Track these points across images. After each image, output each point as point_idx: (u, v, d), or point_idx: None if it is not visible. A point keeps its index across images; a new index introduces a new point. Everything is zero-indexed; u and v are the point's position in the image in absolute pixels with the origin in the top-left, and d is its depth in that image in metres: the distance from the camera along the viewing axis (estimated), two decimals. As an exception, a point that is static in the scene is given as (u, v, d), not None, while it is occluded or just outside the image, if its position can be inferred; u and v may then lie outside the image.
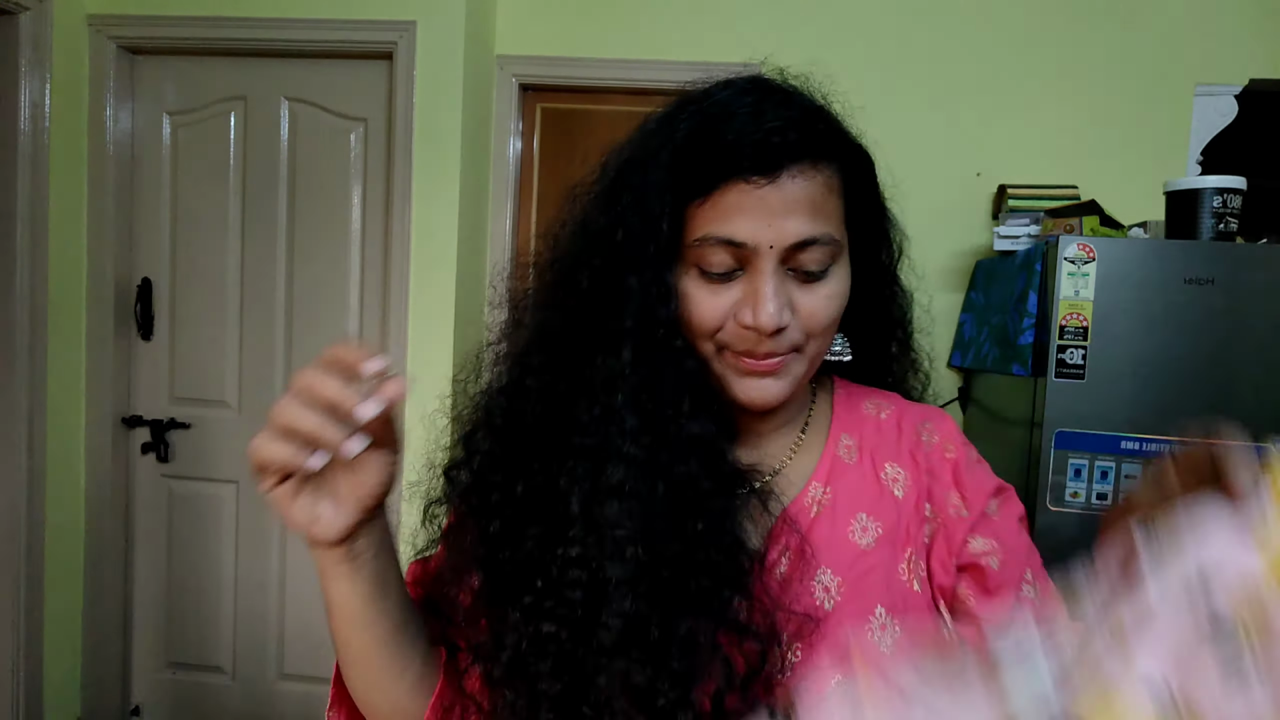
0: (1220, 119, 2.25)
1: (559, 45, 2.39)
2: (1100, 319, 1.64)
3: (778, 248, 0.56)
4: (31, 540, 2.09)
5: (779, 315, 0.56)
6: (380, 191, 2.24)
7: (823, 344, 0.61)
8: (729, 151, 0.55)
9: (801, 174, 0.56)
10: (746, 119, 0.56)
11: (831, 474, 0.64)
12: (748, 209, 0.55)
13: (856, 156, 0.62)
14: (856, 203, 0.61)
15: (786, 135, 0.55)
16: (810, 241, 0.56)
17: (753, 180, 0.55)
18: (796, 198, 0.55)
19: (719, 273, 0.57)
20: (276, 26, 2.15)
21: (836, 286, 0.59)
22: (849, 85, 0.74)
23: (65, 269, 2.17)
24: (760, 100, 0.57)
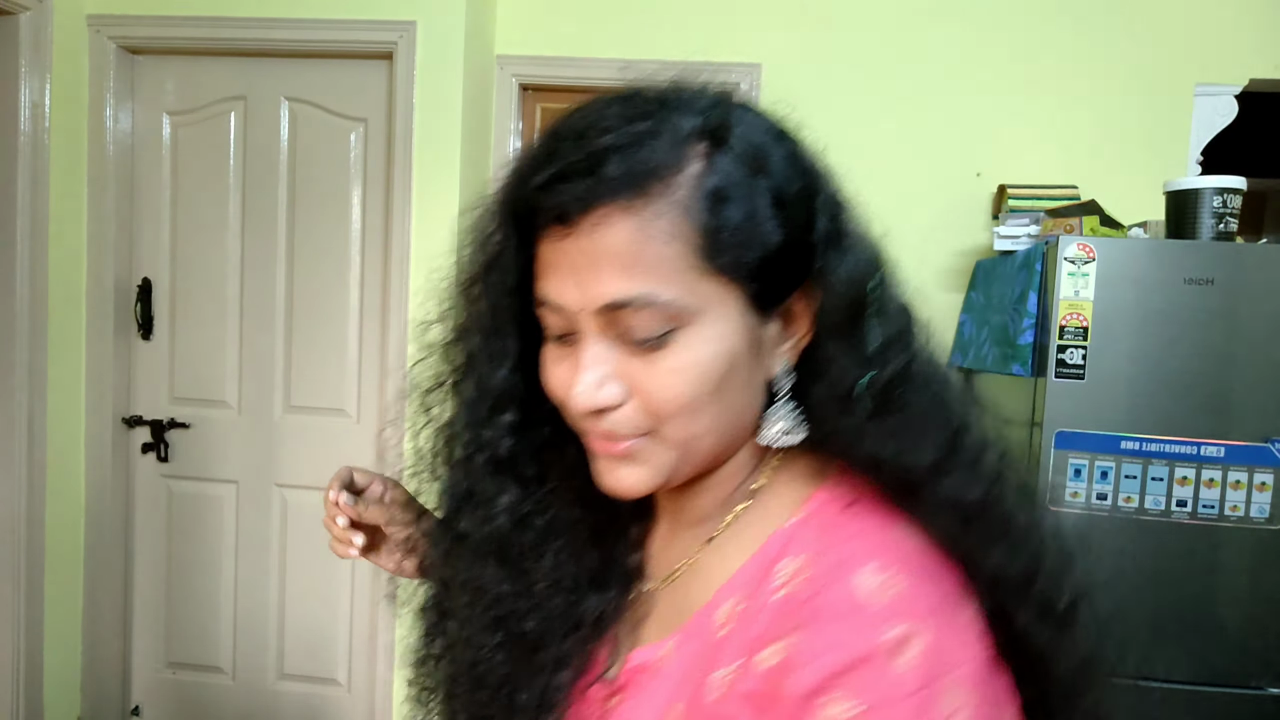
0: (1220, 119, 2.25)
1: (559, 45, 2.39)
2: (1100, 319, 1.64)
3: (587, 311, 0.46)
4: (31, 540, 2.09)
5: (593, 394, 0.47)
6: (380, 191, 2.24)
7: (692, 427, 0.47)
8: (530, 200, 0.47)
9: (604, 222, 0.44)
10: (543, 158, 0.47)
11: (689, 636, 0.51)
12: (556, 264, 0.47)
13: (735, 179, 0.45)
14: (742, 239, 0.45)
15: (580, 177, 0.44)
16: (622, 304, 0.45)
17: (556, 230, 0.46)
18: (603, 250, 0.45)
19: (558, 337, 0.50)
20: (276, 26, 2.15)
21: (688, 357, 0.46)
22: (848, 85, 0.73)
23: (65, 269, 2.17)
24: (558, 133, 0.47)
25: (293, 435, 2.32)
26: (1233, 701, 1.64)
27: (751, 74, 2.33)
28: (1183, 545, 1.65)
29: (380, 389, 2.26)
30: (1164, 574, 1.66)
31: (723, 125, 0.46)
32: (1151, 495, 1.65)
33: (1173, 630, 1.66)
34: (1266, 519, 1.63)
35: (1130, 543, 1.66)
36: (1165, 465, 1.64)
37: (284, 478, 2.33)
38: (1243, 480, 1.63)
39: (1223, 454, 1.63)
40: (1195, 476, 1.64)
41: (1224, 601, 1.65)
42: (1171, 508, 1.65)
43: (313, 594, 2.35)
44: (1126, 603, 1.67)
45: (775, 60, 2.34)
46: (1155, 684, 1.65)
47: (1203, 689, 1.65)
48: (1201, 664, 1.65)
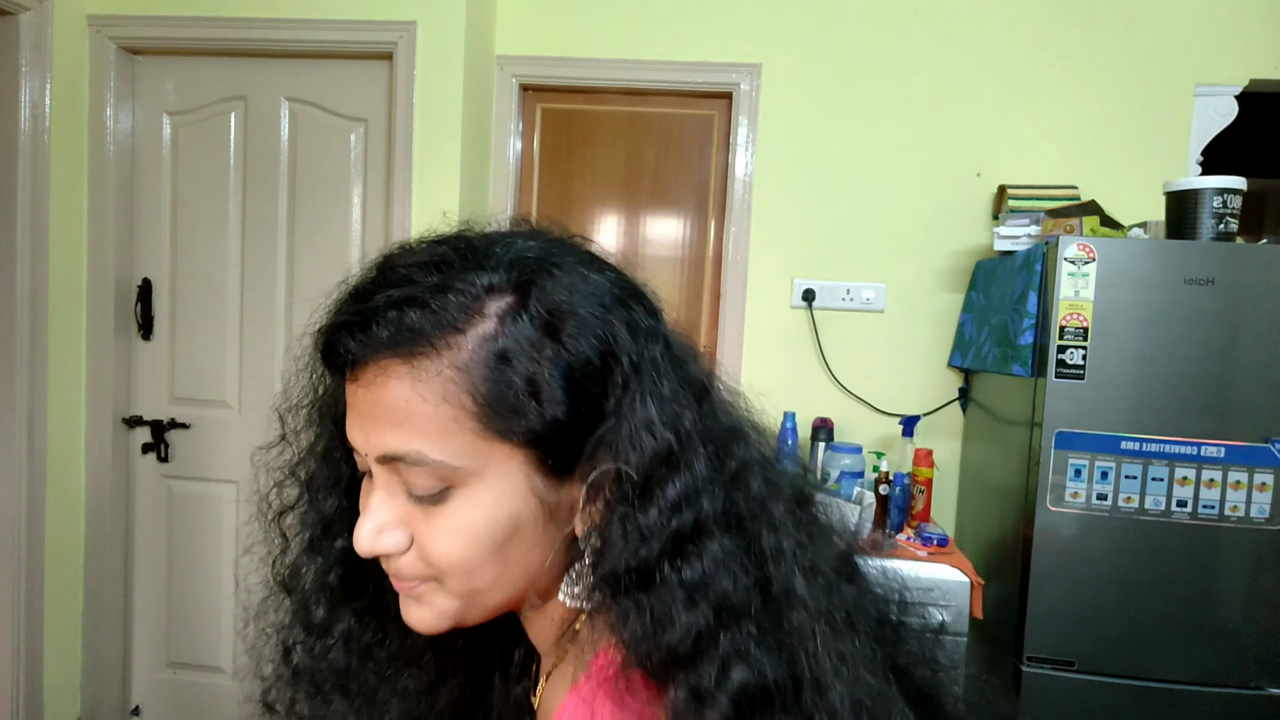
0: (1220, 119, 2.25)
1: (559, 45, 2.39)
2: (1100, 319, 1.65)
3: (371, 457, 0.47)
4: (31, 540, 2.09)
5: (372, 539, 0.47)
6: (380, 191, 2.24)
7: (474, 582, 0.47)
8: (325, 348, 0.48)
9: (381, 375, 0.45)
10: (339, 307, 0.48)
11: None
12: (352, 408, 0.48)
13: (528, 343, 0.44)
14: (530, 404, 0.44)
15: (356, 332, 0.45)
16: (394, 458, 0.45)
17: (348, 374, 0.47)
18: (380, 402, 0.45)
19: (363, 472, 0.51)
20: (276, 26, 2.15)
21: (460, 519, 0.46)
22: (849, 85, 0.73)
23: (65, 269, 2.17)
24: (373, 280, 0.48)
25: (293, 435, 2.31)
26: (1233, 701, 1.64)
27: (751, 74, 2.34)
28: (1183, 545, 1.65)
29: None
30: (1164, 574, 1.66)
31: (525, 283, 0.45)
32: (1151, 495, 1.65)
33: (1173, 630, 1.66)
34: (1266, 519, 1.63)
35: (1130, 543, 1.66)
36: (1165, 465, 1.64)
37: (284, 478, 2.32)
38: (1243, 480, 1.63)
39: (1223, 454, 1.63)
40: (1195, 477, 1.64)
41: (1224, 601, 1.65)
42: (1171, 508, 1.65)
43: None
44: (1126, 603, 1.67)
45: (775, 60, 2.34)
46: (1155, 684, 1.65)
47: (1203, 689, 1.65)
48: (1201, 664, 1.65)
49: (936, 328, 2.33)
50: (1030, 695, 1.67)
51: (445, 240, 0.48)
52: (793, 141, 2.34)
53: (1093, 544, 1.67)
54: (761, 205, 2.36)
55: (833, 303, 2.34)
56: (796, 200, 2.35)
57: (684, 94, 2.39)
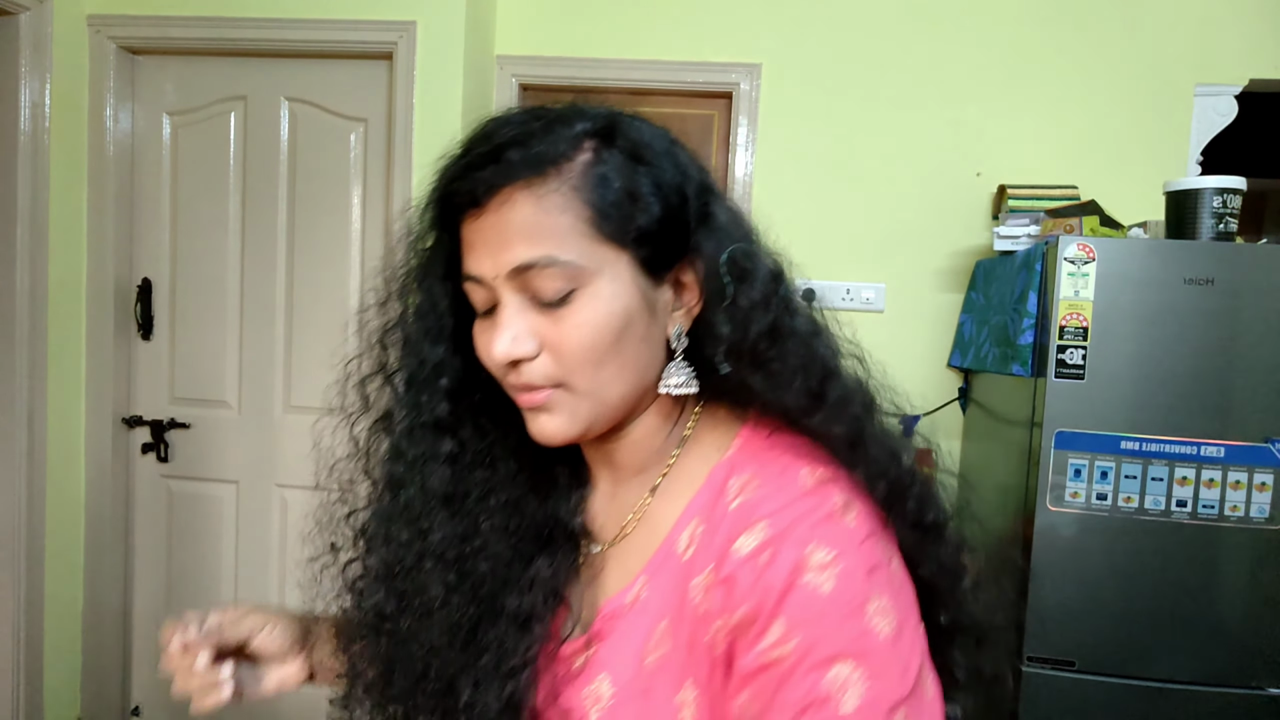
0: (1220, 119, 2.25)
1: (559, 45, 2.39)
2: (1100, 319, 1.65)
3: (501, 276, 0.54)
4: (31, 540, 2.09)
5: (508, 346, 0.54)
6: (380, 191, 2.24)
7: (597, 378, 0.55)
8: (448, 189, 0.56)
9: (509, 201, 0.53)
10: (459, 155, 0.56)
11: (660, 568, 0.57)
12: (474, 242, 0.55)
13: (613, 164, 0.54)
14: (625, 211, 0.54)
15: (486, 165, 0.54)
16: (527, 266, 0.53)
17: (471, 213, 0.55)
18: (510, 223, 0.53)
19: (484, 310, 0.57)
20: (276, 26, 2.16)
21: (588, 314, 0.53)
22: (849, 85, 0.74)
23: (65, 269, 2.17)
24: (487, 132, 0.56)
25: (293, 435, 2.31)
26: (1233, 701, 1.64)
27: (751, 74, 2.33)
28: (1183, 545, 1.65)
29: (380, 389, 2.26)
30: (1164, 574, 1.66)
31: (610, 128, 0.55)
32: (1151, 495, 1.65)
33: (1173, 630, 1.66)
34: (1266, 519, 1.63)
35: (1130, 543, 1.66)
36: (1165, 465, 1.64)
37: (284, 478, 2.33)
38: (1243, 480, 1.63)
39: (1223, 454, 1.63)
40: (1195, 477, 1.64)
41: (1224, 601, 1.65)
42: (1171, 508, 1.65)
43: (313, 594, 2.34)
44: (1126, 603, 1.67)
45: (775, 60, 2.34)
46: (1155, 684, 1.65)
47: (1203, 689, 1.65)
48: (1201, 664, 1.65)
49: (936, 328, 2.33)
50: (1030, 695, 1.67)
51: (533, 107, 0.57)
52: (793, 141, 2.34)
53: (1093, 544, 1.67)
54: (761, 205, 2.35)
55: (833, 303, 2.34)
56: (796, 200, 2.35)
57: (684, 94, 2.39)
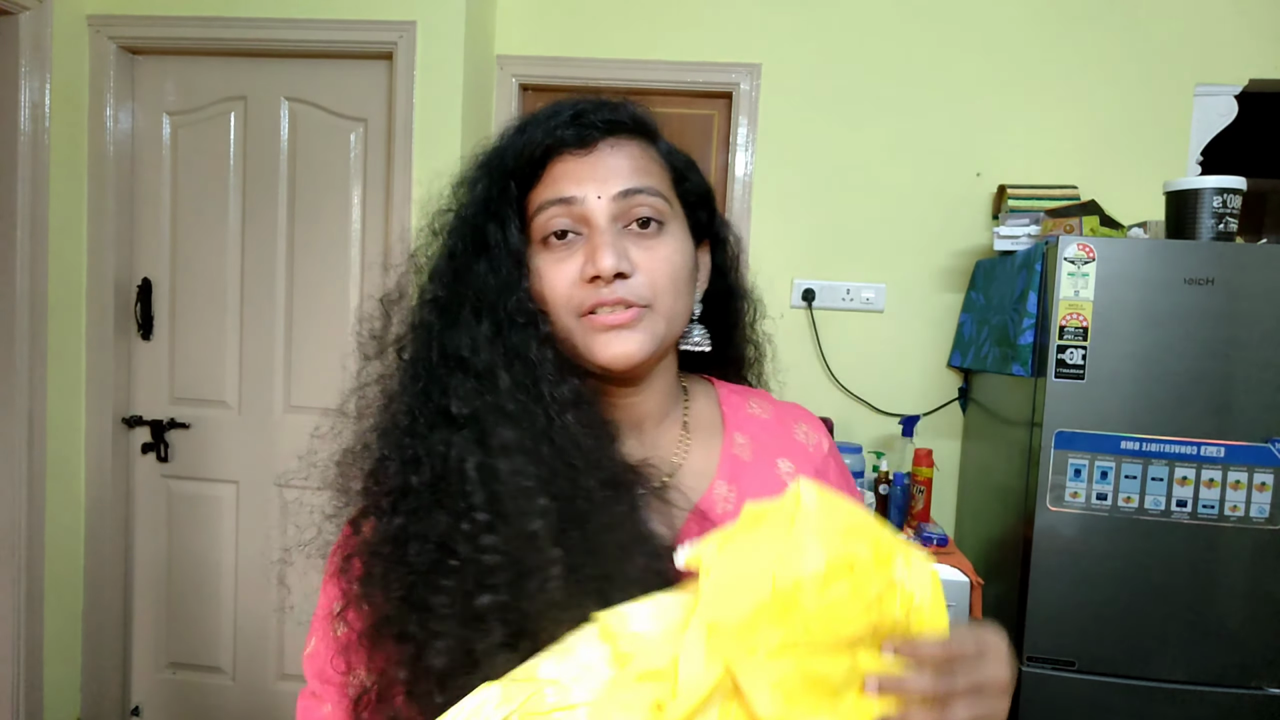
0: (1220, 119, 2.25)
1: (559, 45, 2.39)
2: (1100, 319, 1.65)
3: (605, 198, 0.61)
4: (31, 540, 2.09)
5: (617, 260, 0.60)
6: (380, 191, 2.24)
7: (674, 304, 0.64)
8: (552, 135, 0.63)
9: (618, 145, 0.64)
10: (566, 110, 0.64)
11: (733, 473, 0.69)
12: (573, 173, 0.62)
13: (675, 152, 0.69)
14: (681, 180, 0.68)
15: (600, 115, 0.64)
16: (636, 190, 0.62)
17: (575, 152, 0.63)
18: (617, 161, 0.63)
19: (559, 234, 0.62)
20: (276, 26, 2.16)
21: (672, 247, 0.64)
22: (849, 85, 0.76)
23: (65, 269, 2.17)
24: (577, 100, 0.66)
25: (293, 435, 2.31)
26: (1233, 701, 1.64)
27: (751, 74, 2.33)
28: (1182, 545, 1.65)
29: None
30: (1164, 574, 1.66)
31: None
32: (1151, 495, 1.65)
33: (1173, 630, 1.66)
34: (1266, 519, 1.63)
35: (1130, 543, 1.66)
36: (1165, 465, 1.64)
37: (284, 478, 2.33)
38: (1243, 480, 1.63)
39: (1223, 454, 1.63)
40: (1195, 477, 1.64)
41: (1224, 601, 1.65)
42: (1171, 508, 1.65)
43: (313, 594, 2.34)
44: (1126, 602, 1.67)
45: (775, 60, 2.34)
46: (1155, 684, 1.65)
47: (1203, 689, 1.65)
48: (1201, 664, 1.65)
49: (936, 328, 2.33)
50: (1030, 695, 1.67)
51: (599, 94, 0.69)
52: (793, 141, 2.34)
53: (1092, 544, 1.67)
54: (761, 205, 2.36)
55: (833, 302, 2.34)
56: (796, 200, 2.35)
57: (684, 94, 2.39)
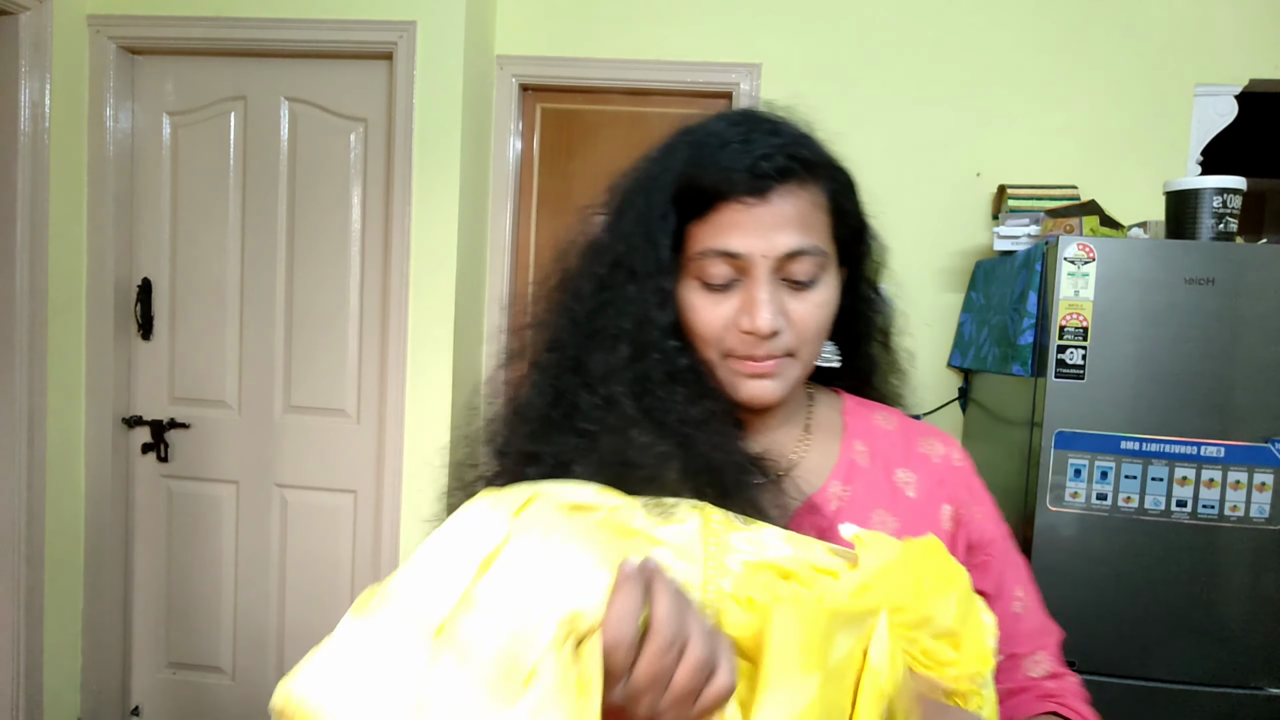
0: (1220, 119, 2.25)
1: (559, 45, 2.39)
2: (1100, 319, 1.64)
3: (770, 257, 0.61)
4: (31, 540, 2.09)
5: (774, 320, 0.61)
6: (380, 191, 2.24)
7: (814, 350, 0.66)
8: (725, 176, 0.61)
9: (790, 194, 0.62)
10: (739, 147, 0.61)
11: (849, 475, 0.70)
12: (742, 225, 0.61)
13: (839, 177, 0.67)
14: (841, 219, 0.67)
15: (775, 160, 0.61)
16: (800, 252, 0.62)
17: (746, 200, 0.61)
18: (786, 214, 0.62)
19: (718, 283, 0.63)
20: (276, 26, 2.16)
21: (825, 295, 0.65)
22: (848, 85, 0.75)
23: (65, 269, 2.17)
24: (750, 129, 0.63)
25: (293, 435, 2.32)
26: (1233, 701, 1.64)
27: (751, 74, 2.33)
28: (1183, 545, 1.65)
29: (380, 389, 2.26)
30: (1164, 574, 1.66)
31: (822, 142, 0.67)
32: (1151, 495, 1.65)
33: (1173, 630, 1.66)
34: (1266, 519, 1.63)
35: (1130, 543, 1.66)
36: (1165, 465, 1.64)
37: (284, 478, 2.33)
38: (1243, 480, 1.63)
39: (1223, 454, 1.63)
40: (1195, 477, 1.64)
41: (1224, 601, 1.65)
42: (1171, 508, 1.65)
43: (313, 594, 2.35)
44: (1126, 602, 1.67)
45: (775, 60, 2.34)
46: (1155, 684, 1.65)
47: (1203, 689, 1.65)
48: (1201, 664, 1.65)
49: (936, 328, 2.33)
50: (1030, 695, 1.67)
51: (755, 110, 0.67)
52: (793, 141, 2.34)
53: (1092, 544, 1.67)
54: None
55: (833, 303, 2.33)
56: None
57: (684, 94, 2.39)
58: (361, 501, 2.30)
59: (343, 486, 2.31)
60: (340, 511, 2.32)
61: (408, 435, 2.18)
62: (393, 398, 2.18)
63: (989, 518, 0.74)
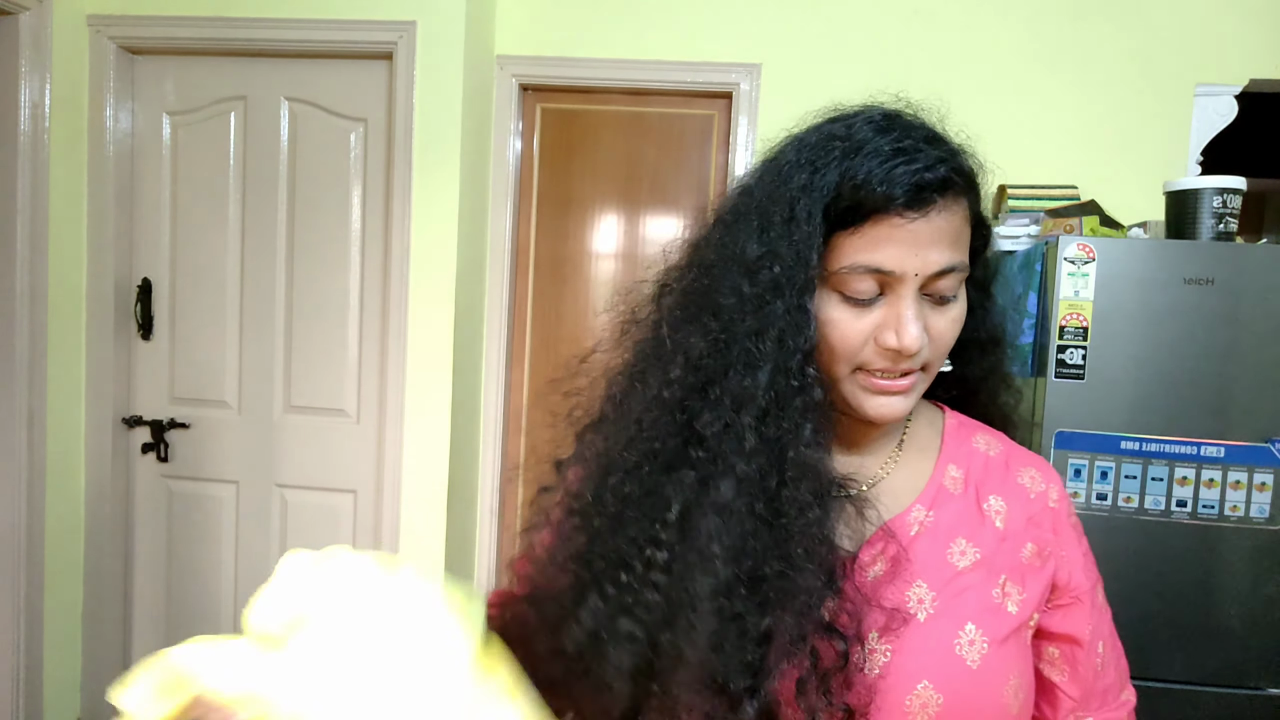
0: (1220, 119, 2.25)
1: (559, 45, 2.39)
2: (1100, 319, 1.65)
3: (922, 275, 0.59)
4: (31, 540, 2.09)
5: (921, 337, 0.59)
6: (380, 191, 2.24)
7: (941, 363, 0.65)
8: (883, 190, 0.58)
9: (947, 209, 0.60)
10: (903, 159, 0.58)
11: (936, 500, 0.67)
12: (897, 240, 0.58)
13: (979, 185, 0.65)
14: (978, 230, 0.66)
15: (938, 173, 0.58)
16: (950, 269, 0.60)
17: (905, 214, 0.58)
18: (943, 230, 0.59)
19: (863, 299, 0.60)
20: (276, 26, 2.15)
21: (961, 309, 0.63)
22: (849, 85, 0.74)
23: (65, 269, 2.17)
24: (903, 137, 0.60)
25: (293, 435, 2.32)
26: (1233, 701, 1.64)
27: (751, 74, 2.34)
28: (1183, 545, 1.65)
29: (380, 389, 2.26)
30: (1164, 574, 1.66)
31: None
32: (1151, 495, 1.65)
33: (1173, 630, 1.66)
34: (1266, 519, 1.63)
35: (1130, 543, 1.66)
36: (1165, 465, 1.64)
37: (284, 478, 2.33)
38: (1243, 480, 1.63)
39: (1223, 454, 1.63)
40: (1195, 477, 1.64)
41: (1224, 601, 1.65)
42: (1171, 508, 1.65)
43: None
44: (1126, 603, 1.67)
45: (775, 60, 2.34)
46: (1155, 684, 1.65)
47: (1203, 689, 1.65)
48: (1201, 664, 1.65)
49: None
50: (1030, 695, 1.67)
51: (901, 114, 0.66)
52: (793, 141, 2.34)
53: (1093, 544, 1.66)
54: (761, 205, 2.35)
55: (833, 303, 2.34)
56: (796, 200, 2.35)
57: (684, 94, 2.39)
58: (361, 501, 2.31)
59: (343, 486, 2.31)
60: (340, 511, 2.32)
61: (407, 435, 2.18)
62: (393, 398, 2.18)
63: (1076, 565, 0.71)
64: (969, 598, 0.63)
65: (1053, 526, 0.69)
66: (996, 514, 0.67)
